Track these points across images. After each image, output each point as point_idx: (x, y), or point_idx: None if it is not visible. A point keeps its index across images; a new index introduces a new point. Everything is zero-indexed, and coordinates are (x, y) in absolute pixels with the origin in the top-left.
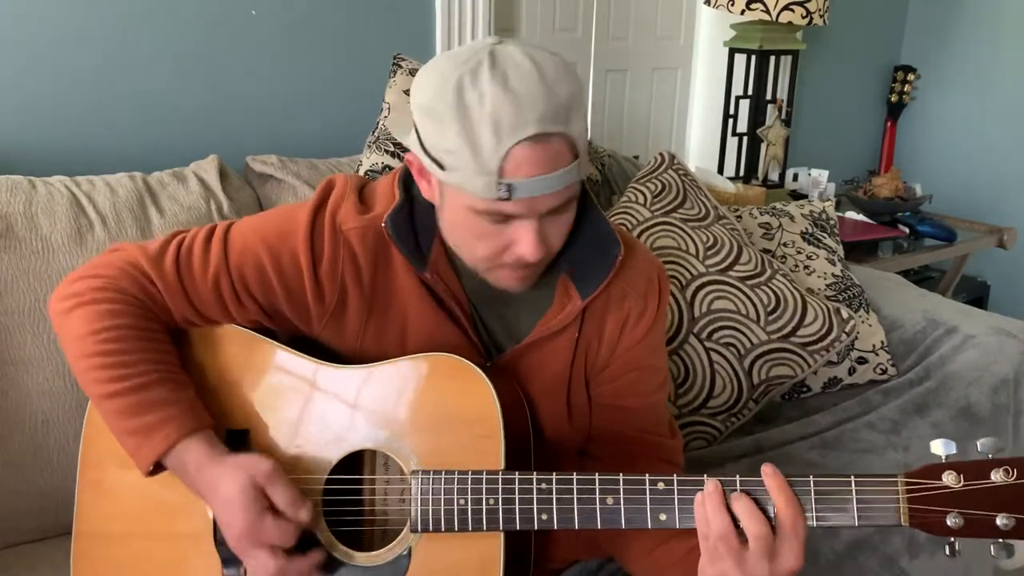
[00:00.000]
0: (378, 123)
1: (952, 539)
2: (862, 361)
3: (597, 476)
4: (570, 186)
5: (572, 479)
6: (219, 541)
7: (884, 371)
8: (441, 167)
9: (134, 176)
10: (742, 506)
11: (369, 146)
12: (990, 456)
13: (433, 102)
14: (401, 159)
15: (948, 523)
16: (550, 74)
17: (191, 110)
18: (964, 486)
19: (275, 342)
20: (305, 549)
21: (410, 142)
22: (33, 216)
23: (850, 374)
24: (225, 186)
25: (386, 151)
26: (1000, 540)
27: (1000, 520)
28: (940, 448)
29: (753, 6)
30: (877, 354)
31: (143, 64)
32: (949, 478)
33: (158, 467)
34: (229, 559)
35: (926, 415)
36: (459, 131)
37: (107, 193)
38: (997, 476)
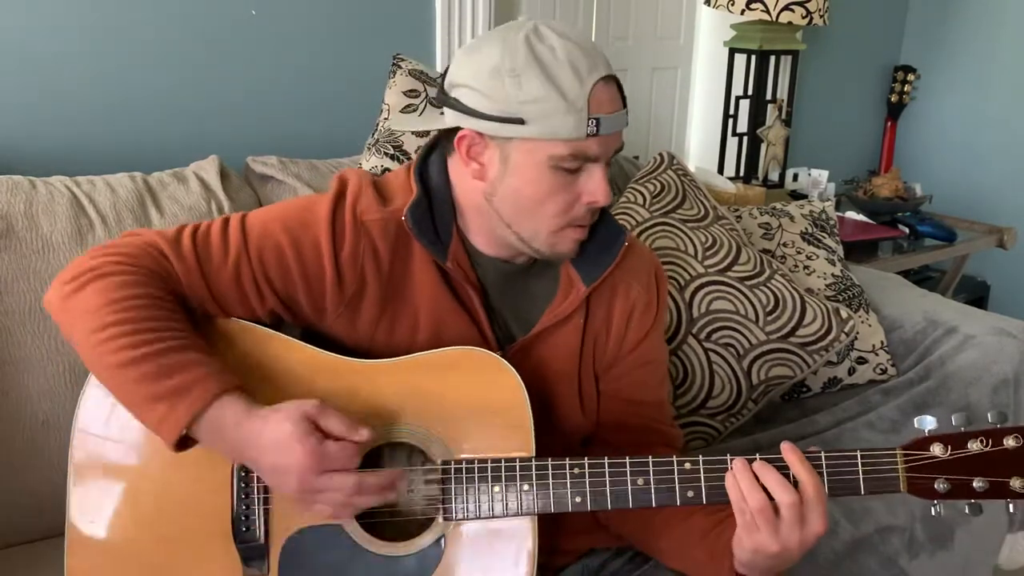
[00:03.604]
0: (378, 125)
1: (936, 502)
2: (862, 361)
3: (628, 460)
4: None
5: (603, 463)
6: (239, 539)
7: (884, 371)
8: (519, 122)
9: (134, 176)
10: (772, 479)
11: (369, 148)
12: (962, 429)
13: (503, 62)
14: (401, 161)
15: (936, 488)
16: (589, 38)
17: (191, 110)
18: (950, 455)
19: (293, 338)
20: (333, 541)
21: (456, 120)
22: (33, 216)
23: (850, 374)
24: (225, 186)
25: (386, 154)
26: (972, 501)
27: (976, 483)
28: (922, 423)
29: (753, 6)
30: (877, 354)
31: (143, 64)
32: (937, 448)
33: (183, 442)
34: (250, 556)
35: (926, 415)
36: (542, 78)
37: (107, 193)
38: (974, 446)
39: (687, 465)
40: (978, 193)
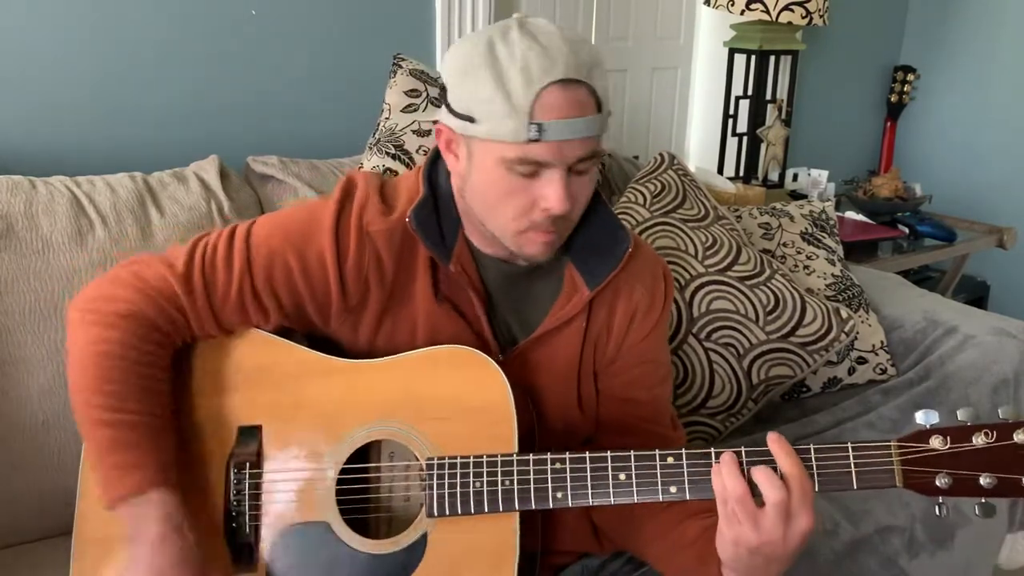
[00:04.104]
0: (379, 125)
1: (941, 499)
2: (862, 361)
3: (609, 453)
4: (593, 139)
5: (585, 458)
6: (230, 537)
7: (884, 371)
8: (472, 120)
9: (134, 176)
10: (761, 475)
11: (370, 148)
12: (968, 423)
13: (465, 60)
14: (404, 162)
15: (938, 483)
16: (573, 37)
17: (191, 110)
18: (950, 449)
19: (286, 340)
20: (320, 539)
21: (439, 114)
22: (33, 216)
23: (850, 374)
24: (226, 186)
25: (387, 154)
26: (983, 500)
27: (983, 480)
28: (923, 418)
29: (753, 6)
30: (877, 354)
31: (143, 64)
32: (936, 442)
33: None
34: (239, 554)
35: (930, 410)
36: (491, 79)
37: (107, 193)
38: (978, 440)
39: (670, 460)
40: (978, 193)
